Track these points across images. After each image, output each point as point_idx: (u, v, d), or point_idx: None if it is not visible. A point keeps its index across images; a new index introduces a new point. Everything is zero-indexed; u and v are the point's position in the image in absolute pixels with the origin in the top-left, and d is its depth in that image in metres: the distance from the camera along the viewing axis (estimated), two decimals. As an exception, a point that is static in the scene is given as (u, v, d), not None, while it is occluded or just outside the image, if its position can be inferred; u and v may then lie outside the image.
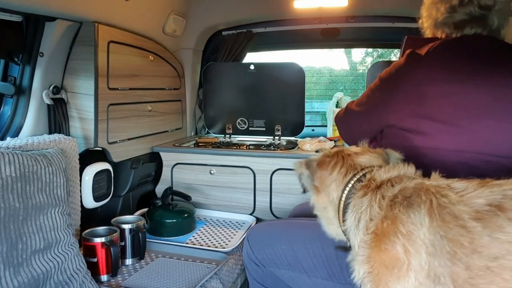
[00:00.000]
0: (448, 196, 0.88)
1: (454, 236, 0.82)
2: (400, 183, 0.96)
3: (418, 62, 1.25)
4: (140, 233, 1.74)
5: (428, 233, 0.85)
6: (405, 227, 0.87)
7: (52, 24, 1.71)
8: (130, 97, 2.12)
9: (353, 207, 1.01)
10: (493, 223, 0.80)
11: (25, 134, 1.73)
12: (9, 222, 1.25)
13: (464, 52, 1.26)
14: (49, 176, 1.41)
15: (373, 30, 2.73)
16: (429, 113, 1.20)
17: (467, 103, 1.18)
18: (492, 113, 1.17)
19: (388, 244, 0.88)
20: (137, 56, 2.18)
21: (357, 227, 0.98)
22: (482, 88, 1.18)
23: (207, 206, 2.37)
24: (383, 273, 0.89)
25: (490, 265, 0.78)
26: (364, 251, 0.95)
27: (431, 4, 1.40)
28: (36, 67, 1.72)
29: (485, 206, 0.82)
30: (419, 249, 0.85)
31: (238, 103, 2.74)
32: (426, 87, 1.21)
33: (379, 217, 0.93)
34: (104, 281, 1.59)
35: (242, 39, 2.82)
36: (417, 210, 0.88)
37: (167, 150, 2.39)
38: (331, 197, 1.08)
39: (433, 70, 1.23)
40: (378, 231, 0.91)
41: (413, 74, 1.25)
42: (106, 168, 1.93)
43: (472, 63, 1.22)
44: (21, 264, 1.27)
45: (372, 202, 0.96)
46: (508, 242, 0.78)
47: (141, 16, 2.16)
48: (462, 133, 1.18)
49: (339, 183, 1.07)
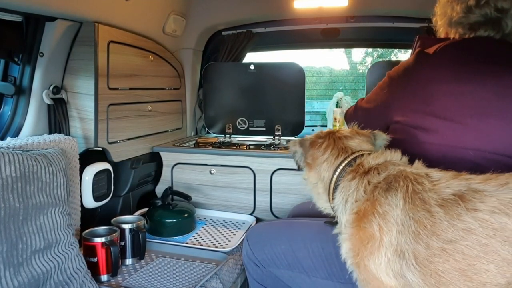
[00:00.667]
0: (423, 184, 0.98)
1: (419, 218, 0.93)
2: (385, 171, 1.06)
3: (427, 61, 1.27)
4: (140, 233, 1.74)
5: (401, 213, 0.95)
6: (382, 208, 0.98)
7: (52, 24, 1.71)
8: (130, 97, 2.12)
9: (342, 188, 1.11)
10: (453, 210, 0.90)
11: (25, 134, 1.73)
12: (9, 222, 1.25)
13: (473, 52, 1.26)
14: (49, 176, 1.41)
15: (373, 30, 2.73)
16: (435, 110, 1.22)
17: (472, 101, 1.19)
18: (497, 112, 1.18)
19: (367, 223, 0.99)
20: (137, 56, 2.18)
21: (344, 207, 1.09)
22: (488, 87, 1.19)
23: (207, 206, 2.37)
24: (361, 249, 0.99)
25: (445, 247, 0.88)
26: (347, 229, 1.06)
27: (447, 3, 1.40)
28: (36, 67, 1.72)
29: (450, 195, 0.92)
30: (391, 228, 0.95)
31: (238, 103, 2.74)
32: (433, 85, 1.23)
33: (363, 200, 1.03)
34: (104, 281, 1.59)
35: (242, 39, 2.82)
36: (394, 193, 0.98)
37: (167, 150, 2.39)
38: (322, 176, 1.18)
39: (440, 69, 1.24)
40: (360, 212, 1.02)
41: (421, 73, 1.26)
42: (106, 168, 1.93)
43: (479, 63, 1.23)
44: (21, 264, 1.27)
45: (359, 186, 1.06)
46: (463, 230, 0.87)
47: (141, 16, 2.16)
48: (467, 131, 1.19)
49: (330, 164, 1.16)
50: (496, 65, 1.22)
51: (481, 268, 0.85)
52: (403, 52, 4.61)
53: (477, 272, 0.85)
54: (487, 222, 0.86)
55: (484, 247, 0.85)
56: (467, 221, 0.87)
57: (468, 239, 0.86)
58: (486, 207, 0.87)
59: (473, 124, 1.19)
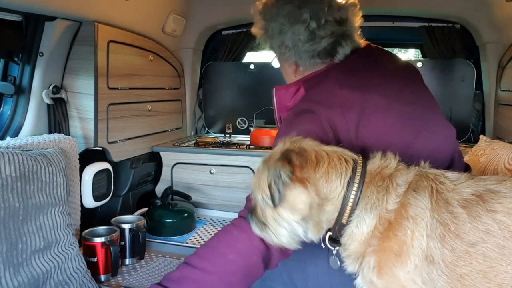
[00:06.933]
0: (445, 183, 0.93)
1: (444, 220, 0.89)
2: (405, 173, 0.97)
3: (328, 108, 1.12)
4: (140, 232, 1.74)
5: (429, 216, 0.90)
6: (413, 210, 0.91)
7: (52, 24, 1.71)
8: (130, 96, 2.12)
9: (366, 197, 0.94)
10: (474, 211, 0.87)
11: (25, 134, 1.73)
12: (9, 222, 1.25)
13: (353, 83, 1.16)
14: (49, 176, 1.41)
15: (373, 30, 2.72)
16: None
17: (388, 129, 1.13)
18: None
19: (400, 230, 0.91)
20: (137, 56, 2.18)
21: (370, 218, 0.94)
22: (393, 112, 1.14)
23: (207, 205, 2.36)
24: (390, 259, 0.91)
25: (469, 250, 0.86)
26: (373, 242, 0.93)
27: (279, 34, 1.27)
28: (36, 66, 1.72)
29: (471, 196, 0.90)
30: (422, 232, 0.90)
31: (238, 103, 2.74)
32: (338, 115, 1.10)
33: (395, 205, 0.92)
34: (104, 281, 1.59)
35: (242, 38, 2.82)
36: (423, 193, 0.92)
37: (167, 150, 2.39)
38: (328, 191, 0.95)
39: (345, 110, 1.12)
40: (394, 219, 0.92)
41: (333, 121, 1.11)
42: (106, 167, 1.93)
43: (364, 87, 1.15)
44: (21, 263, 1.27)
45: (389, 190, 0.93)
46: (483, 231, 0.86)
47: (141, 16, 2.16)
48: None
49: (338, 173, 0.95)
50: (384, 80, 1.19)
51: (500, 269, 0.85)
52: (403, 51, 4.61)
53: (496, 274, 0.86)
54: (505, 224, 0.86)
55: (502, 249, 0.85)
56: (486, 223, 0.86)
57: (488, 241, 0.86)
58: (503, 209, 0.87)
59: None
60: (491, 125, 2.40)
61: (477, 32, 2.40)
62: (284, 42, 1.28)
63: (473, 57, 2.52)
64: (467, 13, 2.36)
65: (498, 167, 1.73)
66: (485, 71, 2.42)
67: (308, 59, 1.26)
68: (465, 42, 2.53)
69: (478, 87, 2.49)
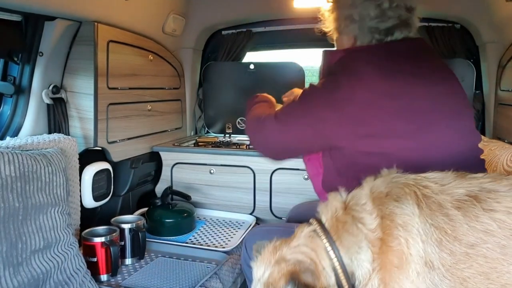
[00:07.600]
0: (430, 187, 0.92)
1: (439, 223, 0.87)
2: (357, 195, 0.97)
3: (356, 82, 1.18)
4: (140, 232, 1.74)
5: (420, 221, 0.89)
6: (401, 219, 0.90)
7: (52, 24, 1.71)
8: (130, 96, 2.12)
9: (346, 245, 0.94)
10: (470, 212, 0.86)
11: (25, 134, 1.73)
12: (8, 221, 1.25)
13: (400, 62, 1.23)
14: (48, 176, 1.41)
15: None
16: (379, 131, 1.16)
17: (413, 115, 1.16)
18: (437, 122, 1.18)
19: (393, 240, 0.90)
20: (137, 56, 2.18)
21: (361, 260, 0.94)
22: (422, 100, 1.18)
23: (207, 205, 2.36)
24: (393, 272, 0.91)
25: (469, 252, 0.85)
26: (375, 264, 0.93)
27: (350, 7, 1.32)
28: (35, 66, 1.72)
29: (464, 196, 0.88)
30: (416, 238, 0.89)
31: (238, 103, 2.73)
32: (371, 107, 1.16)
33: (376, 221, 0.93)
34: (104, 281, 1.59)
35: (242, 38, 2.82)
36: (406, 201, 0.91)
37: (167, 150, 2.39)
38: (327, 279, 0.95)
39: (374, 87, 1.16)
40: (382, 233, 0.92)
41: (355, 97, 1.16)
42: (105, 167, 1.93)
43: (409, 75, 1.20)
44: (20, 263, 1.27)
45: (356, 220, 0.94)
46: (482, 232, 0.84)
47: (140, 16, 2.16)
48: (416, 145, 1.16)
49: (315, 244, 0.96)
50: (424, 72, 1.22)
51: (502, 270, 0.83)
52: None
53: (499, 275, 0.84)
54: (505, 223, 0.84)
55: (503, 248, 0.83)
56: (485, 223, 0.85)
57: (488, 241, 0.84)
58: (502, 208, 0.85)
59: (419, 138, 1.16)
60: (491, 125, 2.40)
61: (477, 32, 2.39)
62: (352, 15, 1.32)
63: (473, 57, 2.52)
64: (467, 13, 2.36)
65: (497, 169, 1.73)
66: (485, 71, 2.42)
67: (369, 35, 1.31)
68: (465, 42, 2.52)
69: (478, 87, 2.49)
